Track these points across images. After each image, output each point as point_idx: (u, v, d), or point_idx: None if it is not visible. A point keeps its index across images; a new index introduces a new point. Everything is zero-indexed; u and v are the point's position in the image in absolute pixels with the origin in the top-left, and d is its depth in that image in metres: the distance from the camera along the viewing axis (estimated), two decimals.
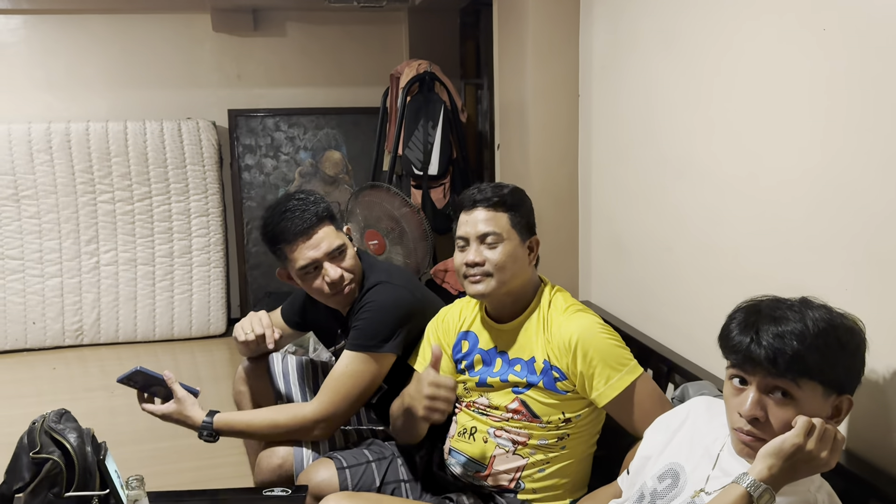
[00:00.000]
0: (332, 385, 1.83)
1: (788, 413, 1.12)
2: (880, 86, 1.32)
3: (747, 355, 1.13)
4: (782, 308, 1.14)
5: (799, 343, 1.09)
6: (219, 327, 4.70)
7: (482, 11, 4.60)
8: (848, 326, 1.13)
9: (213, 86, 4.76)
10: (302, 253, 1.86)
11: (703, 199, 1.90)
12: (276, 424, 1.84)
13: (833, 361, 1.10)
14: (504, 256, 1.63)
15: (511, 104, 2.74)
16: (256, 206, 4.85)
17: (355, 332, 1.86)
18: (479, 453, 1.69)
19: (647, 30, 2.12)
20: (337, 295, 1.89)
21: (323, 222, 1.88)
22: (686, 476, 1.31)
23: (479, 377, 1.72)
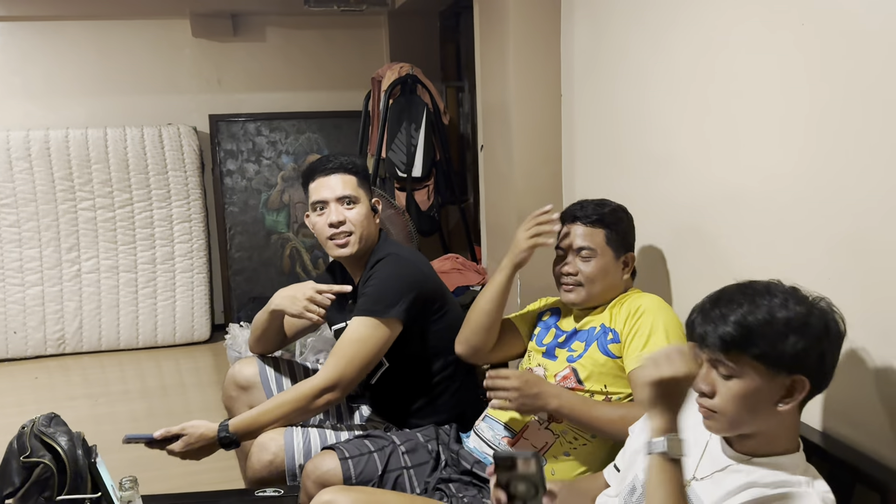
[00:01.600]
0: (339, 351, 1.89)
1: (732, 389, 1.17)
2: (858, 84, 1.36)
3: (692, 333, 1.22)
4: (738, 293, 1.19)
5: (734, 324, 1.15)
6: (203, 333, 4.68)
7: (462, 14, 4.62)
8: (804, 311, 1.16)
9: (193, 91, 4.74)
10: (317, 188, 1.99)
11: (686, 196, 1.93)
12: (285, 405, 1.87)
13: (774, 342, 1.14)
14: (596, 270, 1.78)
15: (494, 106, 2.76)
16: (239, 211, 4.84)
17: (362, 300, 1.93)
18: (514, 422, 1.78)
19: (629, 31, 2.16)
20: (332, 241, 1.96)
21: (347, 172, 2.00)
22: None
23: (546, 348, 1.86)
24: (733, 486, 1.21)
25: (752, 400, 1.17)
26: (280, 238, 4.94)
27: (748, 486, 1.20)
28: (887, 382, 1.33)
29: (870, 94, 1.33)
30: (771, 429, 1.20)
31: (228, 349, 3.73)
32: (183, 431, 1.85)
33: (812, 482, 1.18)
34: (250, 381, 2.12)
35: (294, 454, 1.85)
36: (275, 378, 2.13)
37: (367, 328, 1.89)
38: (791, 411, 1.18)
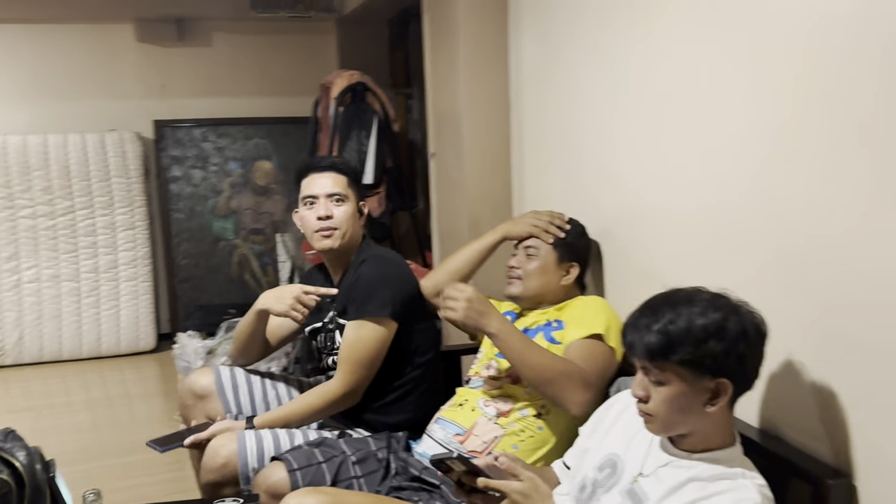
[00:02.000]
0: (346, 356, 1.98)
1: (662, 393, 1.25)
2: (792, 100, 1.44)
3: (624, 345, 1.30)
4: (662, 303, 1.27)
5: (656, 334, 1.23)
6: (148, 343, 4.61)
7: (410, 22, 4.66)
8: (721, 317, 1.23)
9: (137, 97, 4.66)
10: (309, 184, 2.08)
11: (627, 202, 2.01)
12: (311, 406, 1.98)
13: (694, 348, 1.21)
14: (535, 267, 1.94)
15: (445, 114, 2.81)
16: (185, 217, 4.78)
17: (353, 305, 2.00)
18: (464, 420, 1.85)
19: (573, 46, 2.23)
20: (318, 233, 2.04)
21: (339, 172, 2.09)
22: (624, 463, 1.40)
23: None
24: (676, 482, 1.28)
25: (680, 403, 1.24)
26: (228, 245, 4.89)
27: (690, 481, 1.27)
28: (820, 384, 1.42)
29: (803, 110, 1.42)
30: (705, 427, 1.28)
31: (177, 359, 3.69)
32: (212, 436, 1.92)
33: (748, 474, 1.26)
34: (206, 389, 2.12)
35: (247, 458, 1.85)
36: (231, 387, 2.13)
37: (363, 330, 1.98)
38: (720, 410, 1.26)
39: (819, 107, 1.36)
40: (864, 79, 1.27)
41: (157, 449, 1.95)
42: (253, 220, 4.91)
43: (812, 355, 1.43)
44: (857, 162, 1.30)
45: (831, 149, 1.35)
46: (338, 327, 2.10)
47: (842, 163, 1.33)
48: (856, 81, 1.28)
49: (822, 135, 1.36)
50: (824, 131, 1.36)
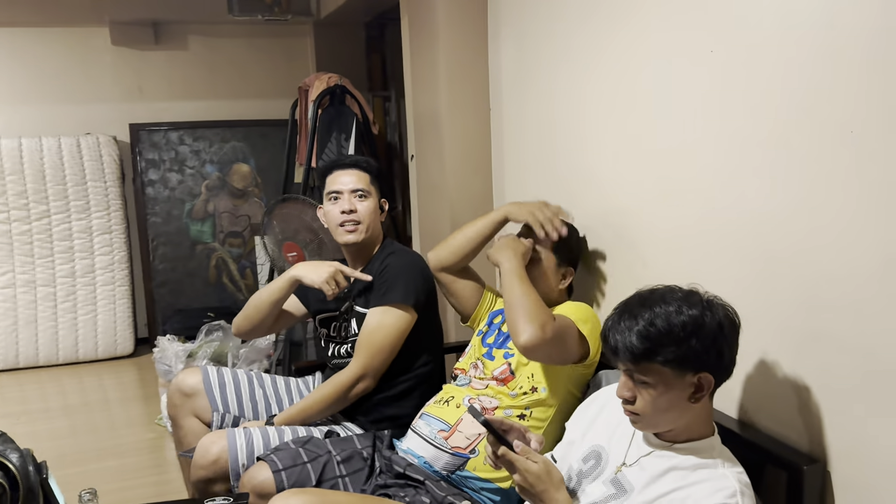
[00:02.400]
0: (366, 341, 2.03)
1: (648, 394, 1.29)
2: (763, 106, 1.49)
3: (607, 349, 1.34)
4: (638, 305, 1.31)
5: (637, 336, 1.26)
6: (126, 348, 4.57)
7: (387, 25, 4.69)
8: (698, 313, 1.27)
9: (113, 100, 4.63)
10: (334, 180, 2.16)
11: (608, 203, 2.05)
12: (326, 396, 2.04)
13: (675, 347, 1.25)
14: (539, 272, 1.94)
15: (425, 117, 2.84)
16: (162, 221, 4.75)
17: (380, 290, 2.07)
18: (449, 416, 1.88)
19: (551, 50, 2.27)
20: (342, 227, 2.12)
21: (362, 170, 2.17)
22: (608, 454, 1.45)
23: (488, 348, 1.99)
24: (657, 471, 1.33)
25: (666, 401, 1.29)
26: (205, 248, 4.87)
27: (670, 470, 1.32)
28: (795, 376, 1.47)
29: (774, 116, 1.47)
30: (688, 420, 1.33)
31: (157, 363, 3.67)
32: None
33: (726, 463, 1.31)
34: (194, 388, 2.15)
35: (237, 455, 1.88)
36: (218, 385, 2.15)
37: (387, 316, 2.04)
38: (703, 403, 1.31)
39: (795, 110, 1.42)
40: (841, 83, 1.32)
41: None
42: (230, 224, 4.89)
43: (787, 349, 1.49)
44: (832, 165, 1.35)
45: (807, 151, 1.40)
46: (354, 316, 2.15)
47: (817, 166, 1.38)
48: (832, 85, 1.34)
49: (799, 138, 1.42)
50: (801, 135, 1.41)
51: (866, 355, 1.31)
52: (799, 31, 1.39)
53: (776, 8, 1.44)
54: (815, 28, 1.36)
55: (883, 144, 1.24)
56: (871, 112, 1.26)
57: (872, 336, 1.30)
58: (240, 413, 2.16)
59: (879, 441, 1.30)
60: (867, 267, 1.29)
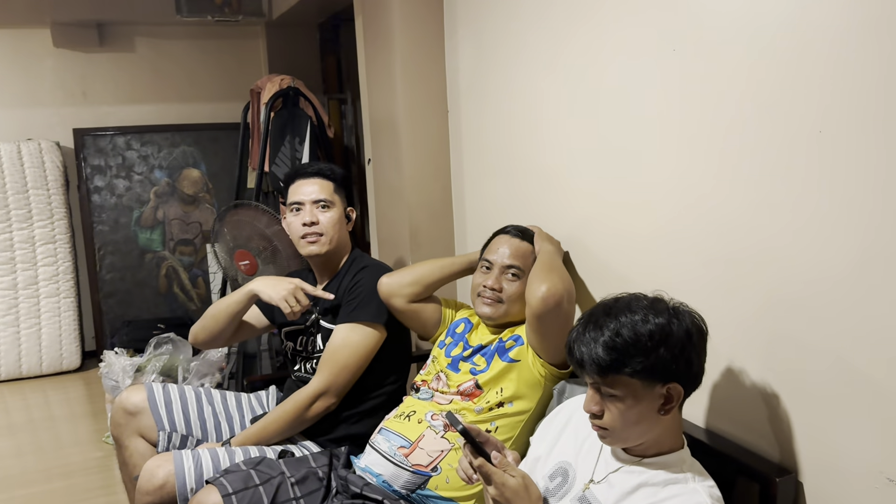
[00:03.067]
0: (330, 357, 1.96)
1: (617, 407, 1.24)
2: (725, 107, 1.46)
3: (571, 360, 1.28)
4: (603, 314, 1.26)
5: (603, 348, 1.21)
6: (73, 362, 4.39)
7: (342, 27, 4.61)
8: (664, 321, 1.23)
9: (55, 104, 4.46)
10: (296, 189, 2.09)
11: (569, 208, 2.01)
12: (285, 415, 1.95)
13: (643, 358, 1.20)
14: (520, 291, 1.83)
15: (382, 120, 2.77)
16: (109, 230, 4.59)
17: (349, 306, 2.01)
18: (410, 432, 1.79)
19: (509, 46, 2.22)
20: (304, 239, 2.05)
21: (325, 178, 2.11)
22: (575, 471, 1.40)
23: (452, 359, 1.91)
24: (627, 488, 1.28)
25: (635, 415, 1.24)
26: (155, 257, 4.72)
27: (640, 486, 1.27)
28: (763, 382, 1.44)
29: (736, 117, 1.44)
30: (658, 433, 1.28)
31: (104, 378, 3.52)
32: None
33: (697, 477, 1.27)
34: (138, 406, 2.05)
35: (185, 478, 1.78)
36: (164, 402, 2.05)
37: (354, 334, 1.98)
38: (672, 415, 1.26)
39: (760, 110, 1.39)
40: (807, 81, 1.29)
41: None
42: (181, 231, 4.75)
43: (756, 356, 1.45)
44: (798, 165, 1.32)
45: (773, 152, 1.37)
46: (320, 331, 2.07)
47: (783, 166, 1.35)
48: (798, 84, 1.31)
49: (764, 138, 1.39)
50: (766, 135, 1.38)
51: (836, 360, 1.28)
52: (764, 29, 1.36)
53: (740, 5, 1.40)
54: (780, 26, 1.32)
55: (851, 144, 1.21)
56: (839, 111, 1.22)
57: (841, 339, 1.27)
58: (187, 432, 2.05)
59: (851, 448, 1.27)
60: (836, 269, 1.26)
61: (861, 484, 1.26)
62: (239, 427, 2.15)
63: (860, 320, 1.23)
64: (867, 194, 1.19)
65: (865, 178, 1.19)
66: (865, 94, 1.18)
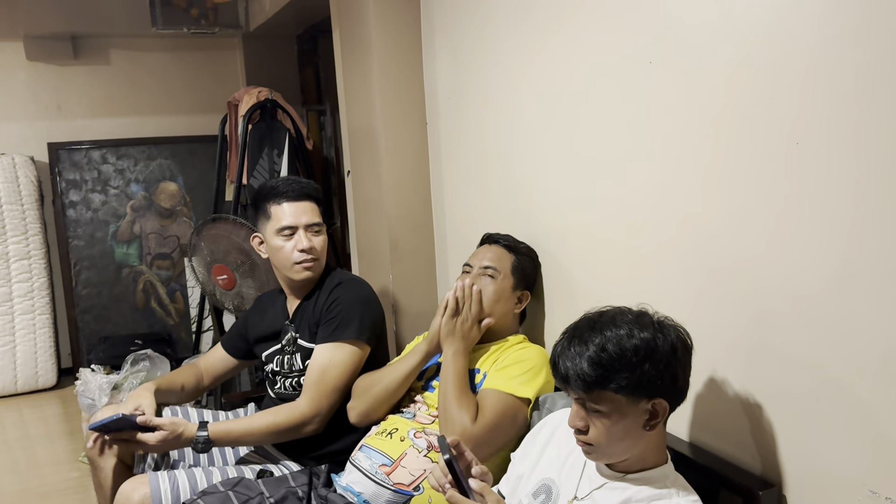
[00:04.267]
0: (319, 379, 1.91)
1: (602, 423, 1.22)
2: (700, 118, 1.46)
3: (557, 376, 1.26)
4: (587, 329, 1.24)
5: (588, 363, 1.20)
6: (48, 380, 4.32)
7: (319, 38, 4.59)
8: (650, 336, 1.21)
9: (29, 118, 4.39)
10: (286, 213, 2.01)
11: (552, 219, 2.00)
12: (276, 424, 1.89)
13: (628, 374, 1.19)
14: (495, 291, 1.85)
15: (360, 132, 2.75)
16: (84, 244, 4.52)
17: (330, 325, 1.96)
18: (392, 450, 1.76)
19: (485, 57, 2.22)
20: (300, 265, 2.00)
21: (313, 200, 2.05)
22: (558, 488, 1.38)
23: (426, 381, 1.89)
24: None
25: (620, 430, 1.22)
26: (132, 272, 4.65)
27: (625, 503, 1.25)
28: (746, 395, 1.44)
29: (715, 129, 1.43)
30: (642, 449, 1.26)
31: (80, 396, 3.45)
32: (163, 427, 1.82)
33: (681, 492, 1.26)
34: None
35: (161, 501, 1.74)
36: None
37: (341, 352, 1.94)
38: (657, 430, 1.25)
39: (738, 121, 1.38)
40: (784, 93, 1.29)
41: (98, 425, 1.84)
42: (158, 245, 4.69)
43: (739, 368, 1.45)
44: (776, 177, 1.32)
45: (751, 164, 1.37)
46: (298, 350, 2.04)
47: (761, 178, 1.35)
48: (775, 96, 1.30)
49: (742, 150, 1.38)
50: (744, 146, 1.38)
51: (818, 372, 1.28)
52: (740, 41, 1.36)
53: (717, 17, 1.40)
54: (756, 38, 1.32)
55: (830, 156, 1.21)
56: (816, 123, 1.22)
57: (824, 351, 1.26)
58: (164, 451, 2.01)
59: (834, 461, 1.27)
60: (818, 281, 1.26)
61: (844, 497, 1.25)
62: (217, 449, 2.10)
63: (843, 333, 1.22)
64: (847, 205, 1.19)
65: (845, 190, 1.19)
66: (843, 104, 1.18)
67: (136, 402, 1.90)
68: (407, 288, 2.63)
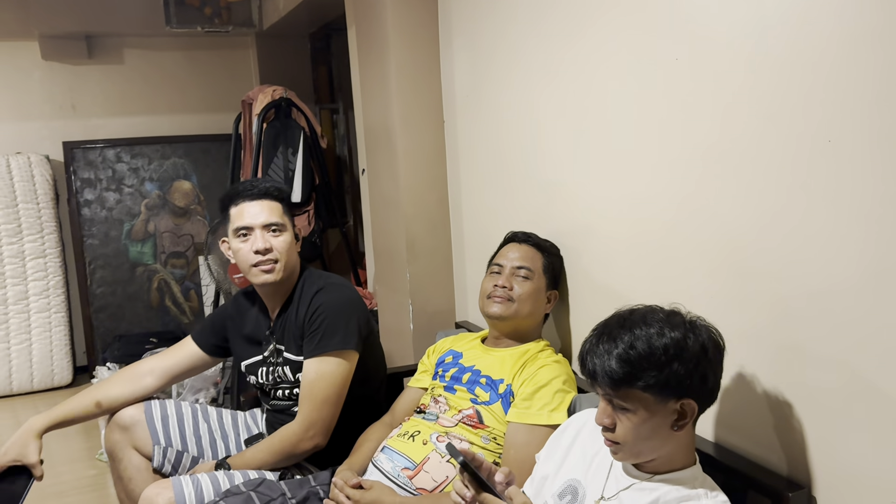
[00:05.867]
0: (308, 393, 1.87)
1: (629, 421, 1.21)
2: (728, 116, 1.44)
3: (584, 372, 1.26)
4: (617, 326, 1.23)
5: (617, 361, 1.19)
6: (64, 378, 4.34)
7: (333, 37, 4.59)
8: (680, 335, 1.20)
9: (44, 118, 4.42)
10: (241, 214, 1.94)
11: (575, 217, 1.98)
12: (274, 451, 1.87)
13: (657, 372, 1.18)
14: (530, 290, 1.84)
15: (377, 130, 2.74)
16: (99, 243, 4.54)
17: (314, 337, 1.90)
18: (415, 453, 1.74)
19: (505, 54, 2.21)
20: (256, 267, 1.92)
21: (273, 199, 1.97)
22: (584, 489, 1.37)
23: (447, 384, 1.86)
24: None
25: (648, 429, 1.21)
26: (146, 270, 4.67)
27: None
28: (772, 394, 1.42)
29: (743, 126, 1.42)
30: (670, 449, 1.25)
31: None
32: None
33: (710, 493, 1.24)
34: (134, 418, 2.00)
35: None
36: (161, 417, 2.01)
37: (328, 365, 1.88)
38: (685, 431, 1.24)
39: (767, 119, 1.37)
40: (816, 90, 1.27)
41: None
42: (172, 244, 4.71)
43: (765, 367, 1.43)
44: (808, 175, 1.31)
45: (781, 162, 1.35)
46: (287, 363, 2.00)
47: (792, 176, 1.33)
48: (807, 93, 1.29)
49: (772, 148, 1.37)
50: (774, 144, 1.36)
51: (847, 372, 1.26)
52: (770, 37, 1.34)
53: (745, 13, 1.39)
54: (787, 34, 1.31)
55: (864, 154, 1.19)
56: (849, 120, 1.21)
57: (853, 351, 1.25)
58: (183, 447, 2.01)
59: (864, 463, 1.25)
60: (847, 279, 1.24)
61: (875, 500, 1.24)
62: (234, 445, 2.11)
63: (873, 331, 1.21)
64: (878, 204, 1.17)
65: (875, 188, 1.17)
66: (877, 101, 1.16)
67: (19, 451, 1.86)
68: (423, 286, 2.62)
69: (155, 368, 2.09)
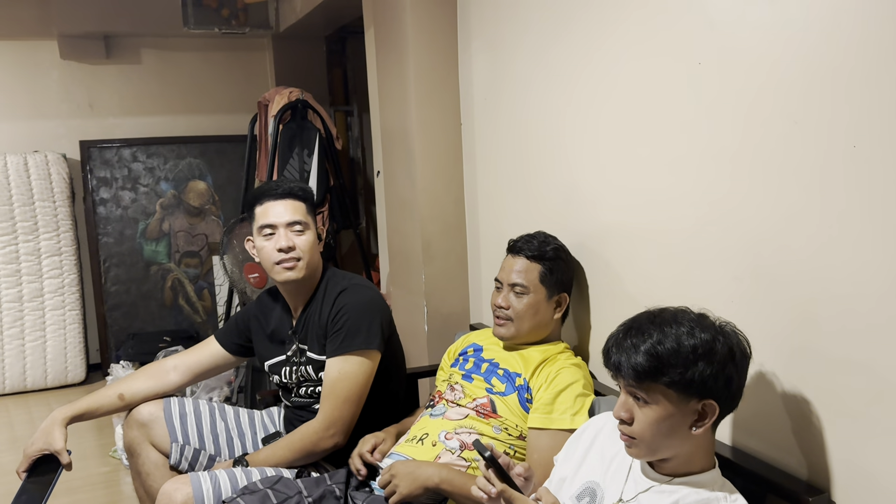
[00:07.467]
0: (330, 392, 1.89)
1: (649, 415, 1.22)
2: (753, 119, 1.44)
3: (608, 364, 1.27)
4: (648, 322, 1.24)
5: (644, 354, 1.20)
6: (77, 375, 4.36)
7: (348, 39, 4.61)
8: (709, 337, 1.21)
9: (62, 116, 4.45)
10: (266, 212, 1.97)
11: (595, 220, 1.98)
12: (294, 448, 1.89)
13: (683, 370, 1.19)
14: (526, 307, 1.83)
15: (394, 132, 2.75)
16: (114, 242, 4.57)
17: (337, 336, 1.91)
18: (425, 456, 1.74)
19: (524, 58, 2.21)
20: (280, 265, 1.94)
21: (297, 199, 2.00)
22: (603, 491, 1.37)
23: (466, 373, 1.89)
24: None
25: (666, 425, 1.22)
26: (160, 269, 4.69)
27: None
28: (792, 398, 1.42)
29: (767, 129, 1.42)
30: (688, 450, 1.25)
31: None
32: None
33: (730, 497, 1.24)
34: (153, 414, 2.02)
35: (204, 500, 1.75)
36: (179, 415, 2.03)
37: (351, 365, 1.90)
38: (705, 433, 1.24)
39: (791, 124, 1.37)
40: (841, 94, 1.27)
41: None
42: (187, 243, 4.73)
43: (784, 370, 1.43)
44: (833, 180, 1.30)
45: (805, 166, 1.35)
46: (310, 362, 2.01)
47: (817, 180, 1.33)
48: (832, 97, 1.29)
49: (796, 152, 1.37)
50: (798, 149, 1.36)
51: (871, 376, 1.26)
52: (793, 40, 1.34)
53: (769, 16, 1.39)
54: (812, 37, 1.31)
55: (889, 159, 1.19)
56: (875, 125, 1.21)
57: (875, 355, 1.25)
58: (200, 446, 2.03)
59: (886, 468, 1.25)
60: (870, 284, 1.24)
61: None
62: (251, 444, 2.12)
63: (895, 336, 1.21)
64: None
65: None
66: None
67: (45, 440, 1.89)
68: (439, 288, 2.63)
69: (179, 365, 2.11)
